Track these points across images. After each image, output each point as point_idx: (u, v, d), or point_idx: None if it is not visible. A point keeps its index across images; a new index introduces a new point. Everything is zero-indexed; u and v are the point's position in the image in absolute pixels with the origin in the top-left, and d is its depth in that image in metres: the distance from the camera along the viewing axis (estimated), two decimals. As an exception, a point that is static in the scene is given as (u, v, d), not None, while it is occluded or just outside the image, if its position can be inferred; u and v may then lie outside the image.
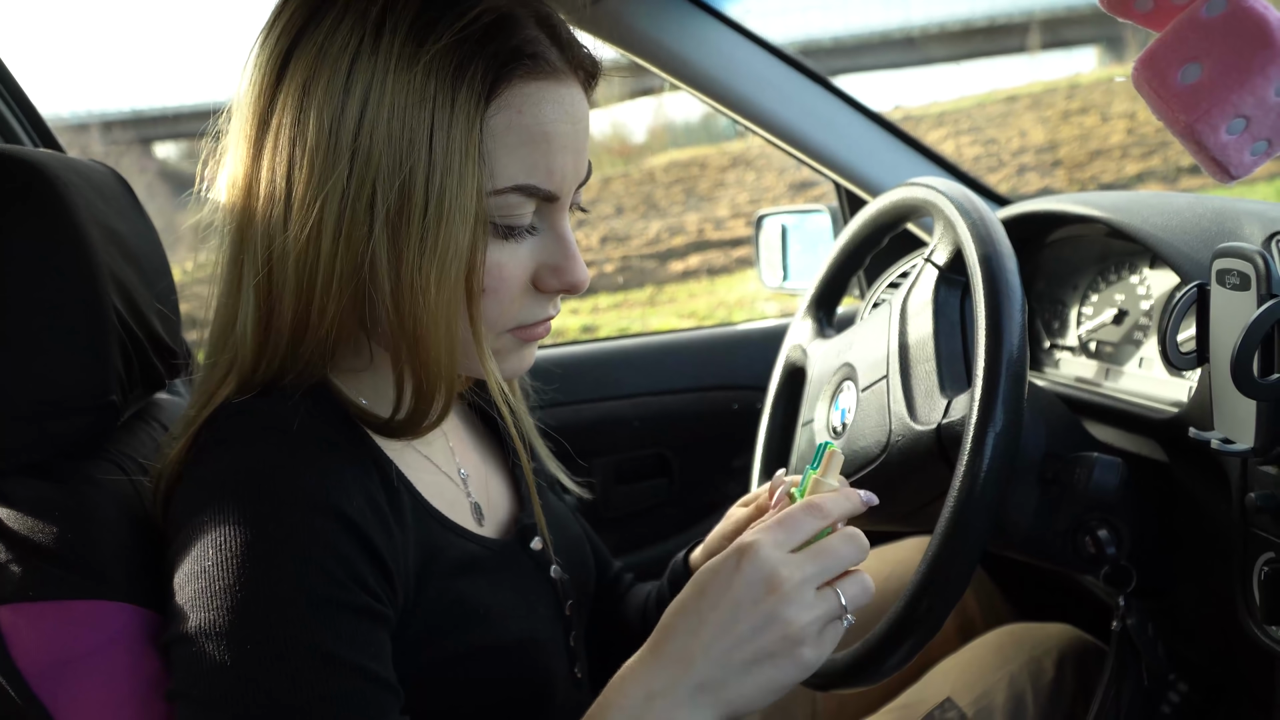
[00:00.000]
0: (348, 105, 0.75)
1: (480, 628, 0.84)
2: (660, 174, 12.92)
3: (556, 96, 0.79)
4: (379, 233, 0.75)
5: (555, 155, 0.79)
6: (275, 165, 0.77)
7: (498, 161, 0.77)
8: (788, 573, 0.72)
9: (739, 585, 0.73)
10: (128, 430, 0.93)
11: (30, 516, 0.77)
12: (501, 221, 0.79)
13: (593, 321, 8.73)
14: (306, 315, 0.78)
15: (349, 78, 0.75)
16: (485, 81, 0.76)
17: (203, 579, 0.70)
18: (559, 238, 0.83)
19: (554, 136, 0.79)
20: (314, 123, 0.75)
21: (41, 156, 0.84)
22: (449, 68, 0.75)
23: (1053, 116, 12.84)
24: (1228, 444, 0.91)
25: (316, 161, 0.75)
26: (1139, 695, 1.11)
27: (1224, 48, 0.61)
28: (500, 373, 0.85)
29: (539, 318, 0.85)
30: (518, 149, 0.78)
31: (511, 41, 0.77)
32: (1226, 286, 0.90)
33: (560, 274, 0.83)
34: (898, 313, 1.11)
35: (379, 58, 0.75)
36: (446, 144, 0.75)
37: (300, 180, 0.76)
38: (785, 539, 0.74)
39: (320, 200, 0.75)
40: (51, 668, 0.74)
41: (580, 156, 0.83)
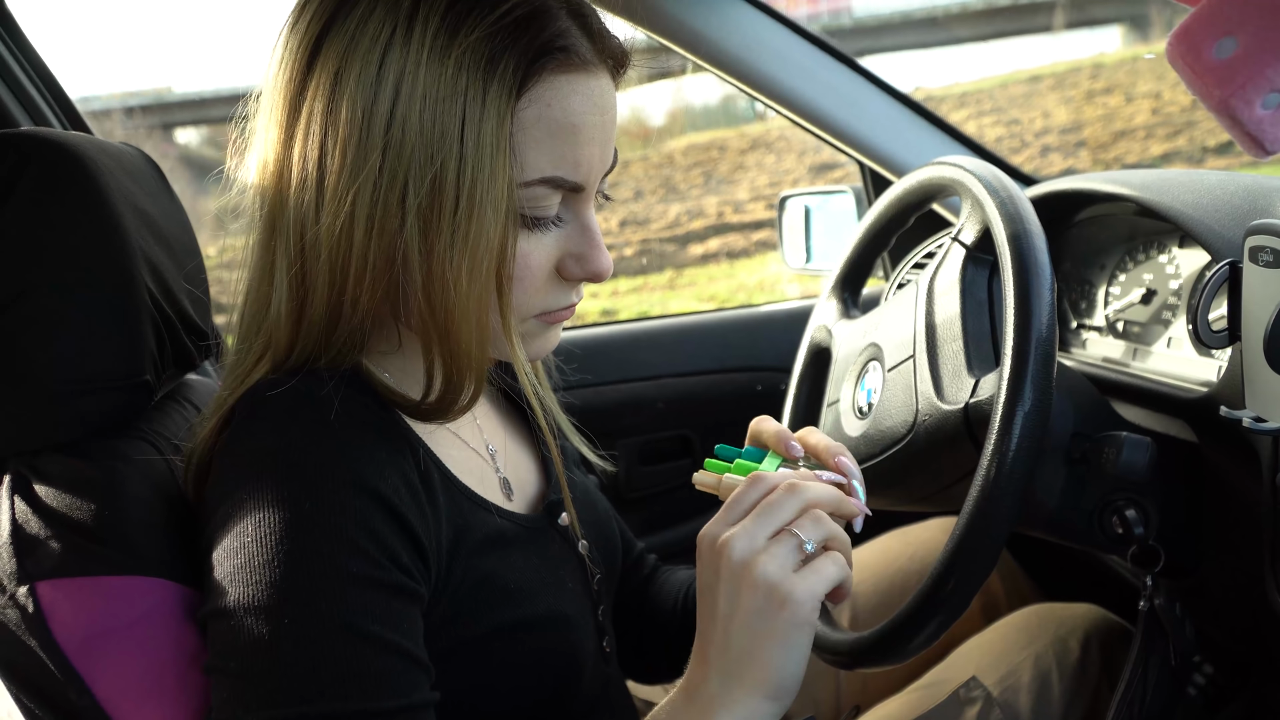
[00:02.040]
0: (380, 96, 0.75)
1: (510, 603, 0.84)
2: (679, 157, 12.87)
3: (586, 88, 0.79)
4: (411, 225, 0.76)
5: (583, 147, 0.80)
6: (307, 153, 0.78)
7: (526, 154, 0.78)
8: (730, 531, 0.74)
9: (703, 570, 0.75)
10: (160, 410, 0.94)
11: (66, 494, 0.78)
12: (529, 212, 0.79)
13: (612, 305, 8.73)
14: (340, 304, 0.79)
15: (380, 68, 0.75)
16: (516, 75, 0.76)
17: (241, 555, 0.71)
18: (584, 227, 0.83)
19: (582, 129, 0.79)
20: (346, 112, 0.76)
21: (73, 138, 0.85)
22: (481, 61, 0.75)
23: (1077, 97, 12.72)
24: (1260, 422, 0.90)
25: (349, 152, 0.76)
26: (1166, 675, 1.10)
27: (1260, 21, 0.60)
28: (524, 354, 0.86)
29: (563, 304, 0.86)
30: (546, 141, 0.78)
31: (543, 35, 0.77)
32: (1260, 264, 0.89)
33: (584, 263, 0.83)
34: (924, 292, 1.10)
35: (411, 49, 0.75)
36: (478, 137, 0.75)
37: (333, 170, 0.76)
38: (726, 515, 0.77)
39: (353, 192, 0.76)
40: (89, 642, 0.75)
41: (607, 147, 0.83)
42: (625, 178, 12.22)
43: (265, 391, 0.79)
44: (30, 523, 0.77)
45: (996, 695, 1.14)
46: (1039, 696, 1.14)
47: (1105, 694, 1.17)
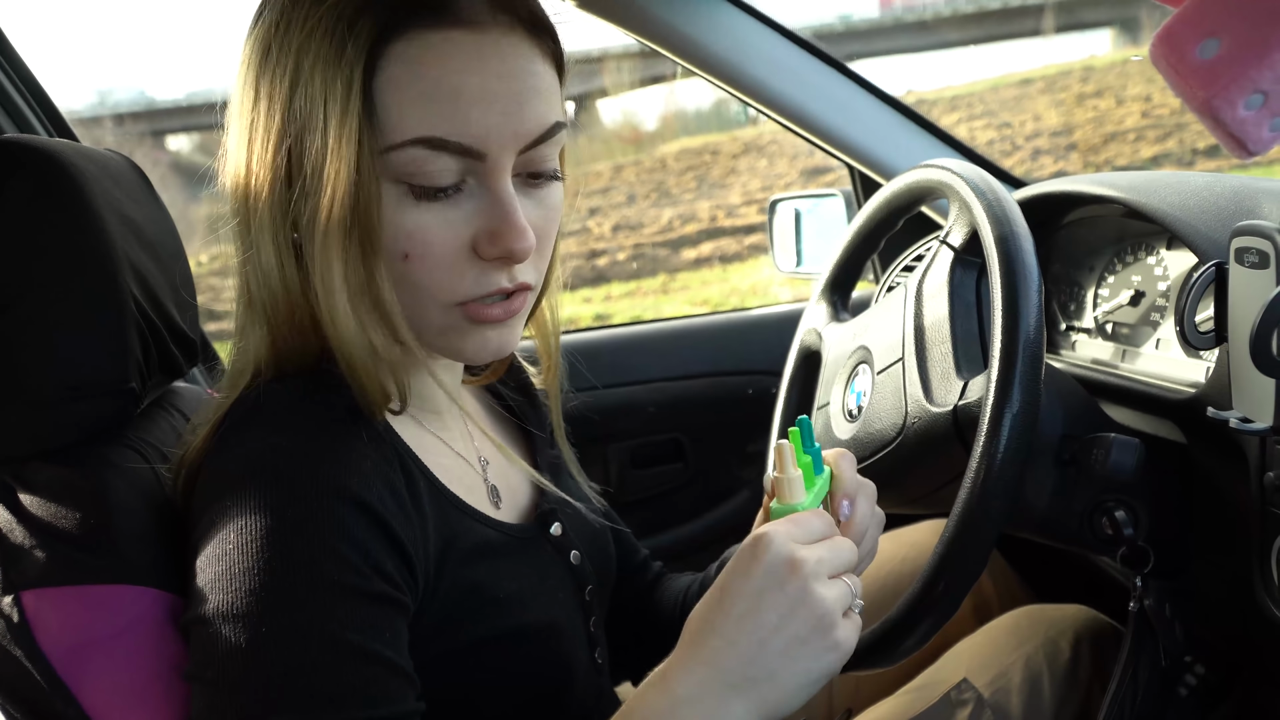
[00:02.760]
0: (261, 88, 0.76)
1: (499, 613, 0.84)
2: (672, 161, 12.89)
3: (473, 47, 0.75)
4: (287, 215, 0.77)
5: (470, 108, 0.75)
6: (232, 160, 0.80)
7: (394, 115, 0.74)
8: (806, 553, 0.71)
9: (759, 573, 0.71)
10: (147, 417, 0.93)
11: (52, 502, 0.77)
12: (416, 181, 0.76)
13: (605, 310, 8.73)
14: (268, 310, 0.80)
15: (264, 57, 0.76)
16: (373, 33, 0.73)
17: (223, 562, 0.70)
18: (495, 199, 0.78)
19: (464, 88, 0.75)
20: (253, 109, 0.77)
21: (58, 145, 0.85)
22: (340, 25, 0.73)
23: (1067, 100, 12.76)
24: (1247, 423, 0.91)
25: (248, 153, 0.77)
26: (1156, 676, 1.10)
27: (1243, 23, 0.60)
28: (459, 354, 0.84)
29: (487, 289, 0.80)
30: (418, 102, 0.74)
31: None
32: (1245, 265, 0.89)
33: (496, 239, 0.78)
34: (913, 295, 1.10)
35: (290, 31, 0.75)
36: (328, 104, 0.73)
37: (245, 174, 0.78)
38: (798, 533, 0.73)
39: (251, 194, 0.77)
40: (75, 651, 0.74)
41: (512, 113, 0.77)
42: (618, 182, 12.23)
43: (251, 399, 0.78)
44: (15, 531, 0.76)
45: (988, 697, 1.14)
46: (1030, 698, 1.14)
47: (1096, 695, 1.17)
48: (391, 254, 0.77)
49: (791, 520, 0.74)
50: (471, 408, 1.00)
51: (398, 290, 0.79)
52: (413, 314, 0.80)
